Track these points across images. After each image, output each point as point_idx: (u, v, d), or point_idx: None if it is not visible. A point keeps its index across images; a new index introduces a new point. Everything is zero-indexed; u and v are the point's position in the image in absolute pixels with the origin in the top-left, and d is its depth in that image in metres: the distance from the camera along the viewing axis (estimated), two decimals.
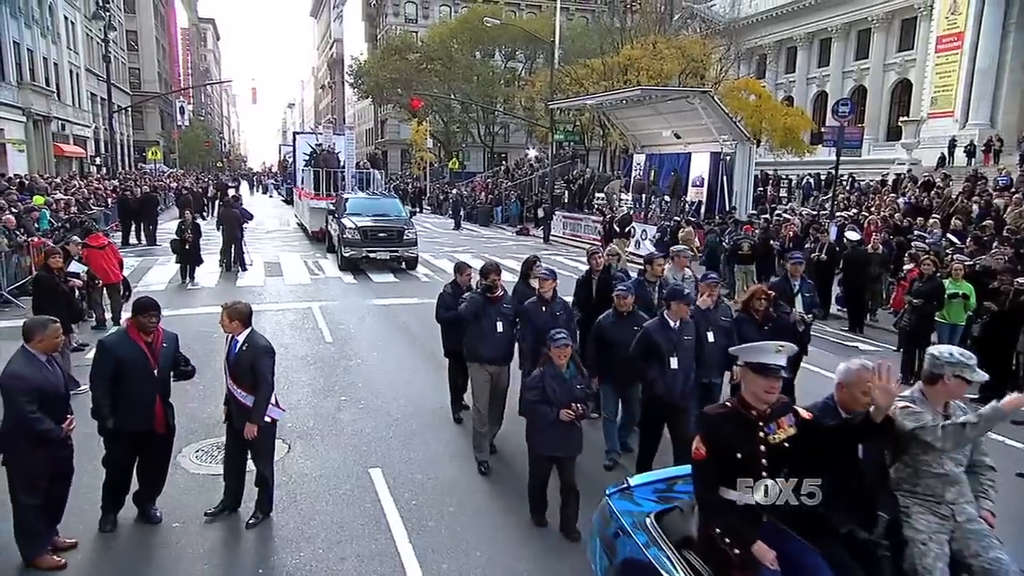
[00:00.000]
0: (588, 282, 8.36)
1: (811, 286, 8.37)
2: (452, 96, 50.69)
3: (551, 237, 27.41)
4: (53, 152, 39.20)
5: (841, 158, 18.85)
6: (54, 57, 41.14)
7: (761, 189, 25.31)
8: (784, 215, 18.03)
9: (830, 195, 21.71)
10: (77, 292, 9.42)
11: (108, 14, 33.57)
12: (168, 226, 26.61)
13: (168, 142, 61.09)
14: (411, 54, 55.43)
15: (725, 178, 21.61)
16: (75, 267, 9.70)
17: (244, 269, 17.48)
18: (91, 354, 5.28)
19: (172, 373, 5.69)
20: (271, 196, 53.23)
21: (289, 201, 43.92)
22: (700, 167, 23.14)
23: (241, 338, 5.67)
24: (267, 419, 5.67)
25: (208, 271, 16.76)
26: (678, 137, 24.51)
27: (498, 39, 54.20)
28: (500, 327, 6.80)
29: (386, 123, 72.39)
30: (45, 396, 4.82)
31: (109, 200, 22.68)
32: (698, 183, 23.18)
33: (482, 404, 6.85)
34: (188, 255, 15.48)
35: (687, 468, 3.81)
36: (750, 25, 41.70)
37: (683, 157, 24.10)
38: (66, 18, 43.68)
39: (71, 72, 44.68)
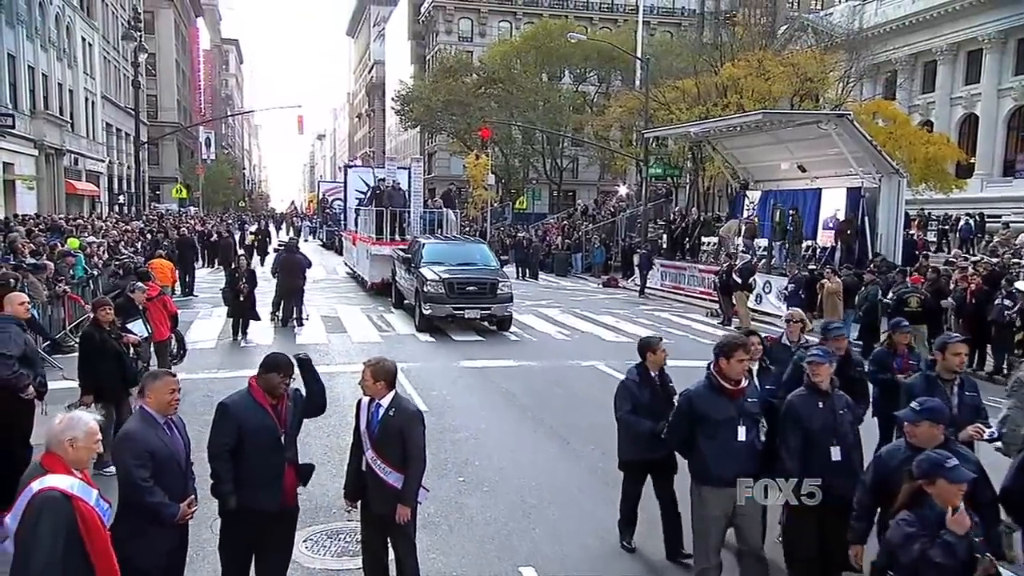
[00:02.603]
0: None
1: (973, 384, 6.78)
2: (516, 124, 51.45)
3: (647, 289, 27.27)
4: (65, 190, 40.86)
5: (991, 194, 18.33)
6: (69, 83, 43.30)
7: (905, 232, 24.77)
8: (957, 264, 17.52)
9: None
10: (132, 350, 9.46)
11: (140, 34, 35.14)
12: (198, 274, 27.41)
13: (191, 178, 63.19)
14: (468, 76, 56.74)
15: (867, 218, 21.23)
16: (136, 327, 9.86)
17: (301, 324, 17.73)
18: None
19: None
20: (306, 240, 54.48)
21: (330, 246, 44.97)
22: (833, 205, 22.84)
23: (386, 402, 5.61)
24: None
25: (260, 326, 17.03)
26: (803, 170, 24.33)
27: (569, 58, 55.15)
28: (743, 433, 5.63)
29: (434, 156, 73.83)
30: (159, 464, 4.75)
31: (138, 244, 23.39)
32: (831, 225, 22.84)
33: (713, 543, 5.76)
34: (242, 308, 15.75)
35: None
36: (876, 36, 41.47)
37: (810, 194, 23.85)
38: (84, 39, 46.06)
39: (86, 99, 46.92)
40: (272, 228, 58.48)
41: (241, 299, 15.73)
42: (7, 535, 3.92)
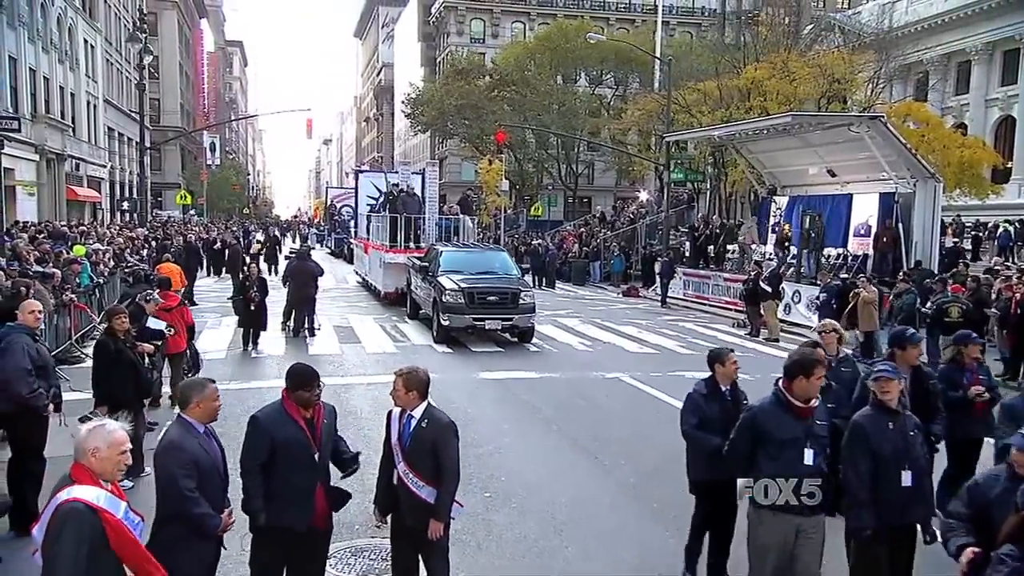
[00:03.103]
0: None
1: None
2: (530, 127, 51.49)
3: (669, 299, 27.19)
4: (66, 196, 41.13)
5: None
6: (71, 86, 43.62)
7: (941, 239, 24.63)
8: (1001, 272, 17.37)
9: None
10: (147, 360, 9.50)
11: (145, 36, 35.39)
12: (204, 283, 27.53)
13: (194, 184, 63.55)
14: (481, 79, 56.84)
15: (901, 225, 21.11)
16: (154, 323, 9.90)
17: (312, 334, 17.74)
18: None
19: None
20: (313, 248, 54.55)
21: (338, 254, 45.09)
22: (865, 211, 22.73)
23: (418, 413, 5.60)
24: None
25: (270, 336, 17.06)
26: (833, 175, 24.25)
27: (585, 60, 55.19)
28: (810, 457, 5.37)
29: (445, 162, 74.00)
30: (203, 473, 4.79)
31: (144, 251, 23.50)
32: (862, 231, 22.73)
33: (769, 571, 5.50)
34: (253, 317, 15.77)
35: None
36: (907, 36, 41.33)
37: (840, 200, 23.73)
38: (86, 41, 46.46)
39: (88, 103, 47.25)
40: (278, 235, 58.71)
41: (252, 308, 15.72)
42: (35, 547, 3.93)
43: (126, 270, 17.11)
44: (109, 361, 8.13)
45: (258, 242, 33.28)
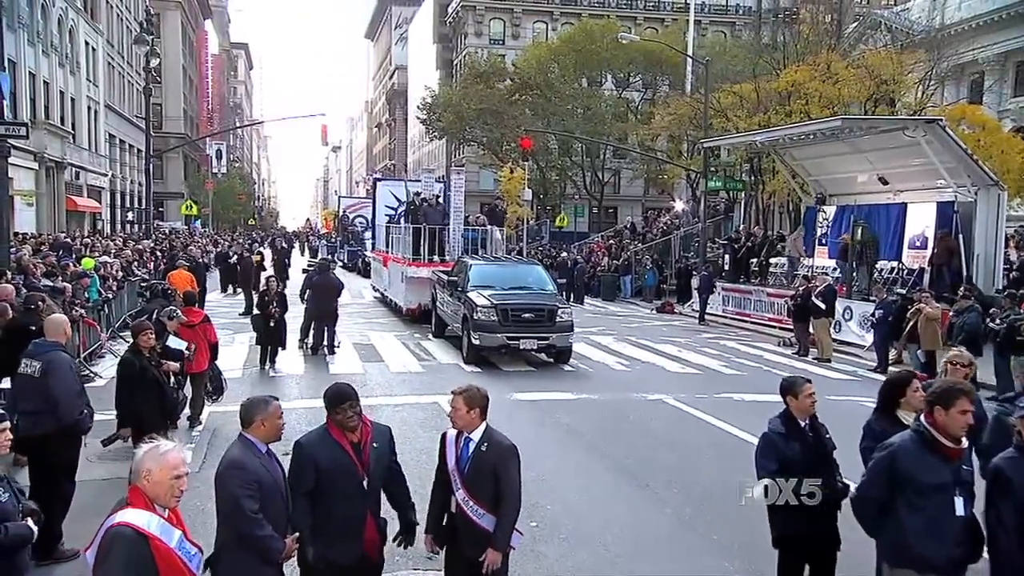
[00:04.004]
0: None
1: None
2: (553, 133, 51.53)
3: (706, 315, 27.06)
4: (65, 206, 41.51)
5: None
6: (71, 91, 44.17)
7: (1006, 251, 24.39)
8: None
9: None
10: (172, 379, 9.52)
11: (152, 37, 35.74)
12: (212, 297, 27.62)
13: (199, 193, 63.99)
14: (501, 82, 57.02)
15: (961, 236, 20.92)
16: (175, 342, 9.91)
17: (332, 352, 17.77)
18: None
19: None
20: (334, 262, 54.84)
21: (352, 267, 45.22)
22: (921, 222, 22.57)
23: (476, 435, 5.57)
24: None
25: (288, 354, 17.07)
26: (885, 183, 24.11)
27: (611, 62, 55.27)
28: (961, 506, 5.00)
29: (462, 169, 74.25)
30: (265, 494, 4.79)
31: (151, 265, 23.65)
32: (918, 243, 22.57)
33: None
34: (273, 334, 15.82)
35: None
36: (960, 34, 41.06)
37: (894, 209, 23.56)
38: (87, 43, 47.00)
39: (89, 108, 47.80)
40: (286, 247, 58.90)
41: (271, 325, 15.75)
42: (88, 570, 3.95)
43: (142, 284, 17.14)
44: (134, 380, 8.14)
45: (259, 255, 33.21)
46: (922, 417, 5.08)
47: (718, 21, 71.60)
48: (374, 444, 5.46)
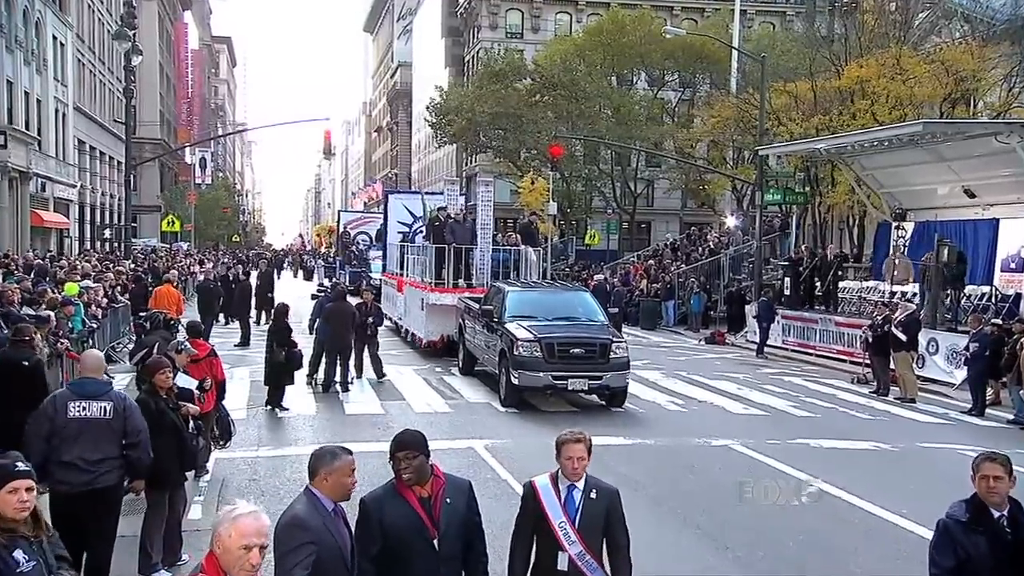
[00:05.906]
0: None
1: None
2: (581, 138, 51.48)
3: (766, 347, 26.90)
4: (30, 221, 41.56)
5: None
6: (38, 91, 44.28)
7: None
8: None
9: None
10: (191, 423, 9.39)
11: (134, 32, 36.01)
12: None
13: (178, 207, 64.21)
14: (519, 81, 57.04)
15: None
16: (183, 380, 9.84)
17: (346, 389, 17.75)
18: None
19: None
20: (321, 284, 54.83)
21: (356, 292, 45.15)
22: (1016, 240, 22.48)
23: (582, 482, 5.63)
24: None
25: (295, 392, 17.02)
26: (971, 195, 24.03)
27: (645, 58, 55.25)
28: None
29: (473, 180, 74.37)
30: (323, 560, 4.71)
31: (132, 289, 23.65)
32: (1012, 265, 22.45)
33: None
34: (287, 370, 15.92)
35: None
36: None
37: (983, 226, 23.43)
38: (55, 38, 47.17)
39: (56, 111, 47.90)
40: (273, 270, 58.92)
41: (285, 359, 15.74)
42: None
43: (141, 314, 17.12)
44: (150, 426, 8.06)
45: (262, 275, 32.75)
46: None
47: (766, 11, 71.89)
48: (447, 500, 5.43)
